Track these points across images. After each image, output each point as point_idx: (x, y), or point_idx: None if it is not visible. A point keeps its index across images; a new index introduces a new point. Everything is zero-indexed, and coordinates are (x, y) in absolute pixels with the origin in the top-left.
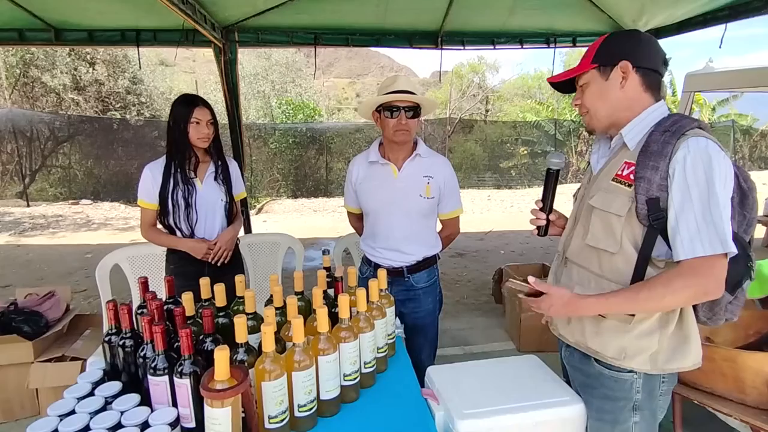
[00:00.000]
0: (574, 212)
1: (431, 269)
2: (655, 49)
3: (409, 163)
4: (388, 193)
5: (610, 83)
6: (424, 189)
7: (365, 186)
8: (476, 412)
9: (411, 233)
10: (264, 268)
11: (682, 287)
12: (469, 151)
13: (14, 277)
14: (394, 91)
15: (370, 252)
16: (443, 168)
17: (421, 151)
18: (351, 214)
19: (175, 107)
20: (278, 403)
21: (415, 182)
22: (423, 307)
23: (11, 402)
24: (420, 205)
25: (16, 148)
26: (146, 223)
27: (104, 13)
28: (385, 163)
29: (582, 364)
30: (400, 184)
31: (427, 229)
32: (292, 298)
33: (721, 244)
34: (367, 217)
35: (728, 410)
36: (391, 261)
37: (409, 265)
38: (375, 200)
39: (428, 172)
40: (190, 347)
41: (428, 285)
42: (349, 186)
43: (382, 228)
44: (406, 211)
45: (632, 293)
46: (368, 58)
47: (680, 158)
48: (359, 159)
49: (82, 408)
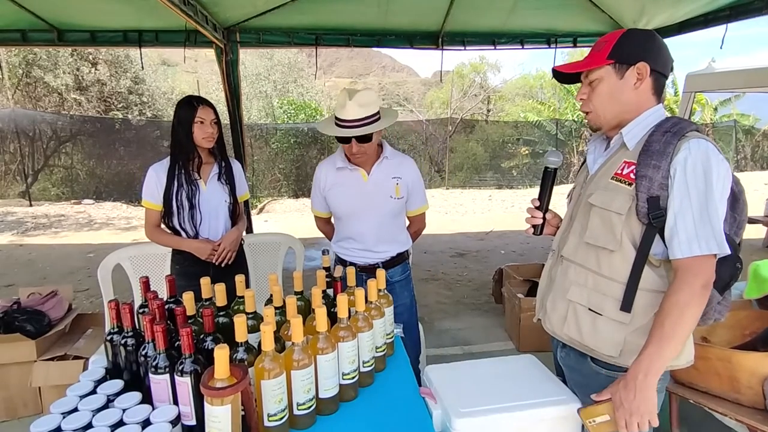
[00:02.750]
0: (570, 211)
1: (404, 264)
2: (668, 53)
3: (377, 167)
4: (360, 197)
5: (624, 83)
6: (393, 190)
7: (335, 191)
8: (473, 410)
9: (383, 234)
10: (265, 268)
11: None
12: (471, 151)
13: (17, 276)
14: (341, 120)
15: (343, 253)
16: (410, 168)
17: (387, 154)
18: (318, 218)
19: (180, 108)
20: (277, 402)
21: (384, 184)
22: (400, 300)
23: (14, 400)
24: (390, 205)
25: (19, 148)
26: (151, 224)
27: (106, 14)
28: (353, 169)
29: (578, 364)
30: (370, 188)
31: (397, 228)
32: (292, 297)
33: (716, 244)
34: (339, 221)
35: (724, 410)
36: (365, 259)
37: (385, 261)
38: (346, 204)
39: (396, 173)
40: (191, 346)
41: (402, 278)
42: (317, 191)
43: (354, 231)
44: (378, 212)
45: (658, 332)
46: (370, 57)
47: (681, 159)
48: (326, 165)
49: (84, 406)
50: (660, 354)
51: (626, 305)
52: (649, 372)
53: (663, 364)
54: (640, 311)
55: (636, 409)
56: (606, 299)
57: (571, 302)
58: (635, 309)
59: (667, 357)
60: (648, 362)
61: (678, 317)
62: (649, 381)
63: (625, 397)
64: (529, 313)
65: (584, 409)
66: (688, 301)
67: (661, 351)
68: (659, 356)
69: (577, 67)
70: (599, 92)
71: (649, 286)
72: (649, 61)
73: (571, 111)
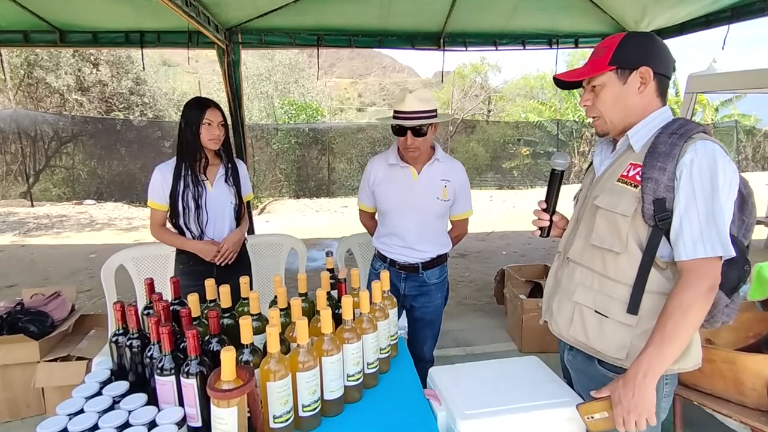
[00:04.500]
0: (576, 213)
1: (442, 266)
2: (669, 54)
3: (428, 167)
4: (407, 195)
5: (627, 88)
6: (441, 192)
7: (384, 187)
8: (478, 412)
9: (425, 233)
10: (267, 269)
11: (690, 293)
12: (472, 151)
13: (19, 277)
14: (400, 111)
15: (384, 249)
16: (459, 172)
17: (439, 156)
18: (363, 212)
19: (187, 109)
20: (283, 403)
21: (433, 185)
22: (433, 302)
23: (17, 401)
24: (436, 207)
25: (21, 149)
26: (156, 224)
27: (108, 14)
28: (404, 166)
29: (585, 367)
30: (419, 187)
31: (440, 230)
32: (297, 299)
33: (721, 247)
34: (383, 216)
35: (728, 411)
36: (406, 257)
37: (424, 262)
38: (394, 201)
39: (445, 176)
40: (197, 348)
41: (439, 281)
42: (366, 186)
43: (398, 228)
44: (423, 212)
45: (660, 333)
46: (370, 58)
47: (687, 161)
48: (378, 160)
49: (90, 407)
50: (660, 355)
51: (633, 307)
52: (649, 372)
53: (663, 365)
54: (647, 314)
55: (634, 407)
56: (612, 301)
57: (577, 304)
58: (642, 311)
59: (667, 358)
60: (648, 362)
61: (681, 319)
62: (648, 381)
63: (624, 395)
64: (532, 315)
65: (583, 405)
66: (691, 303)
67: (662, 352)
68: (659, 357)
69: (578, 74)
70: (603, 98)
71: (656, 288)
72: (652, 65)
73: (572, 111)
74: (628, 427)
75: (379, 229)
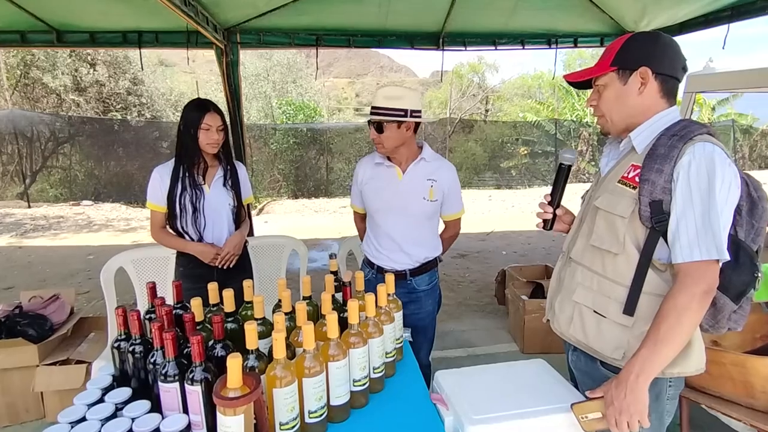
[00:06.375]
0: (581, 213)
1: (432, 272)
2: (676, 54)
3: (413, 166)
4: (392, 195)
5: (628, 88)
6: (427, 192)
7: (370, 186)
8: (486, 417)
9: (413, 235)
10: (267, 271)
11: (685, 295)
12: (470, 151)
13: (16, 279)
14: (371, 106)
15: (372, 253)
16: (448, 172)
17: (426, 155)
18: (357, 214)
19: (187, 112)
20: (289, 410)
21: (418, 185)
22: (424, 308)
23: (16, 405)
24: (423, 207)
25: (17, 149)
26: (156, 225)
27: (106, 14)
28: (390, 165)
29: (588, 368)
30: (403, 187)
31: (429, 232)
32: (302, 304)
33: (717, 250)
34: (371, 218)
35: (737, 415)
36: (393, 263)
37: (412, 268)
38: (379, 201)
39: (432, 176)
40: (202, 354)
41: (429, 288)
42: (355, 186)
43: (384, 229)
44: (409, 212)
45: (654, 334)
46: (368, 58)
47: (685, 163)
48: (366, 159)
49: (92, 415)
50: (653, 357)
51: (629, 308)
52: (641, 373)
53: (656, 367)
54: (645, 315)
55: (626, 408)
56: (610, 302)
57: (576, 304)
58: (639, 313)
59: (661, 360)
60: (641, 364)
61: (675, 321)
62: (641, 382)
63: (616, 395)
64: (534, 315)
65: (577, 405)
66: (686, 305)
67: (655, 354)
68: (652, 359)
69: (585, 74)
70: (606, 98)
71: (654, 290)
72: (652, 65)
73: (570, 111)
74: (620, 428)
75: (368, 231)
